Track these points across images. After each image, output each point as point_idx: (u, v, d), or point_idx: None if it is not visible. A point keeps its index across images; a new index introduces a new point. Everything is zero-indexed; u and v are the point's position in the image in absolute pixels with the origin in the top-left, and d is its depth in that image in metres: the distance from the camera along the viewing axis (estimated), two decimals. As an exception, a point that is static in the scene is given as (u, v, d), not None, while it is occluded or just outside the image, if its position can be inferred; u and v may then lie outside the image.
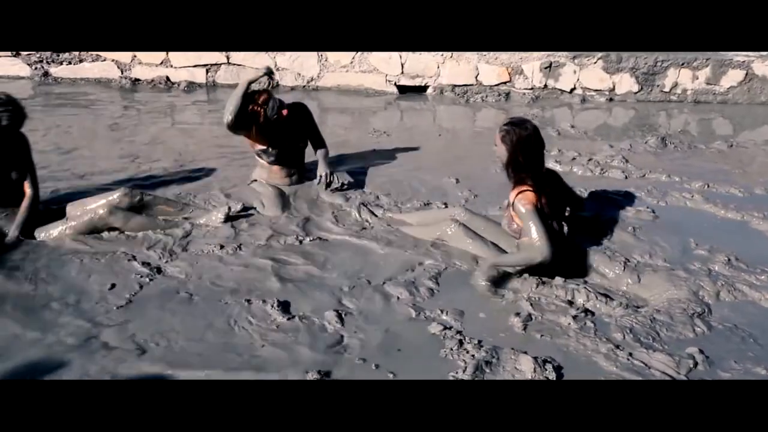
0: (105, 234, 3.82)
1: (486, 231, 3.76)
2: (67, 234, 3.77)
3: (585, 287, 3.33)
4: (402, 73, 7.56)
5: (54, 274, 3.42)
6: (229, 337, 2.93)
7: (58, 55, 7.63)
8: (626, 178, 4.96)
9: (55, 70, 7.69)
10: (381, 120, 6.56)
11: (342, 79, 7.61)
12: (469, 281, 3.44)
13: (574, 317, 3.10)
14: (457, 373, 2.70)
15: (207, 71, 7.65)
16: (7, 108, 3.71)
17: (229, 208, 4.01)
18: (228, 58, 7.60)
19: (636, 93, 7.43)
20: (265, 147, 4.53)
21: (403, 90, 7.61)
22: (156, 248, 3.71)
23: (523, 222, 3.40)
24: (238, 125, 4.30)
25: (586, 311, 3.17)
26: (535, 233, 3.35)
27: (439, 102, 7.36)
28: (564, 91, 7.44)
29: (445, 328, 3.01)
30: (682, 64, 7.37)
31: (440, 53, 7.44)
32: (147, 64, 7.64)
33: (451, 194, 4.56)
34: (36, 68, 7.67)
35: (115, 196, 3.93)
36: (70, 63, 7.67)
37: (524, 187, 3.38)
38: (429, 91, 7.59)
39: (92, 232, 3.81)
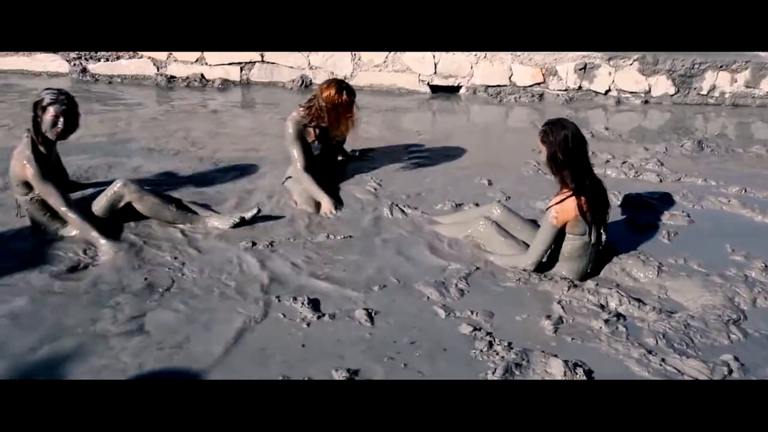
0: (132, 224, 3.88)
1: (521, 231, 3.73)
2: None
3: (617, 291, 3.30)
4: (435, 72, 7.54)
5: (85, 270, 3.49)
6: (258, 333, 2.95)
7: (96, 52, 7.74)
8: (661, 181, 4.89)
9: (92, 67, 7.81)
10: (413, 120, 6.56)
11: (375, 79, 7.61)
12: (499, 282, 3.43)
13: (606, 321, 3.07)
14: (486, 374, 2.69)
15: (241, 69, 7.71)
16: (69, 108, 3.74)
17: (259, 210, 4.02)
18: (262, 56, 7.65)
19: (672, 95, 7.32)
20: (312, 140, 4.60)
21: (436, 90, 7.59)
22: (187, 243, 3.76)
23: (540, 230, 3.42)
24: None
25: (618, 315, 3.14)
26: (539, 246, 3.42)
27: (472, 102, 7.33)
28: (598, 92, 7.36)
29: (475, 329, 3.00)
30: (721, 66, 7.25)
31: (474, 53, 7.40)
32: (182, 62, 7.72)
33: (483, 195, 4.54)
34: (74, 65, 7.79)
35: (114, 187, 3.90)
36: (107, 60, 7.78)
37: (565, 195, 3.34)
38: (462, 91, 7.56)
39: (112, 214, 3.87)
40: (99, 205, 3.86)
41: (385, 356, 2.80)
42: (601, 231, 3.47)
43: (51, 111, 3.65)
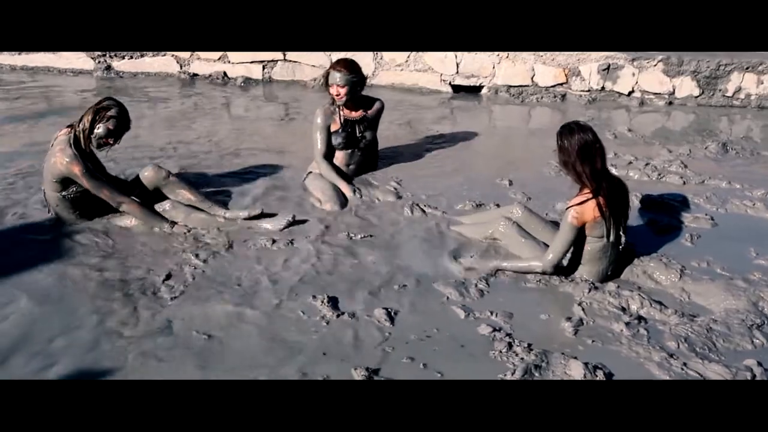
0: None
1: (542, 232, 3.70)
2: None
3: (639, 294, 3.27)
4: (457, 72, 7.52)
5: (111, 261, 3.53)
6: (277, 331, 2.97)
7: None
8: (684, 183, 4.84)
9: (117, 64, 7.88)
10: (434, 119, 6.54)
11: (397, 78, 7.60)
12: (520, 283, 3.42)
13: (627, 324, 3.05)
14: (505, 375, 2.68)
15: (263, 67, 7.74)
16: (125, 127, 3.86)
17: (293, 217, 4.01)
18: (284, 54, 7.67)
19: (697, 97, 7.24)
20: (336, 128, 4.66)
21: (458, 90, 7.56)
22: (209, 240, 3.78)
23: (559, 231, 3.39)
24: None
25: (640, 318, 3.11)
26: (557, 247, 3.37)
27: (494, 102, 7.30)
28: (622, 93, 7.29)
29: (495, 329, 2.99)
30: (747, 68, 7.15)
31: (496, 53, 7.37)
32: (205, 60, 7.77)
33: (504, 196, 4.52)
34: (99, 62, 7.87)
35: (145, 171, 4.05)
36: (131, 57, 7.85)
37: (584, 197, 3.32)
38: (484, 91, 7.53)
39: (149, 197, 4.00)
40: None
41: (405, 356, 2.80)
42: (621, 233, 3.44)
43: (112, 124, 3.75)
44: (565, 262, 3.45)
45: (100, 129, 3.73)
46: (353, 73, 4.52)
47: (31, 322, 2.98)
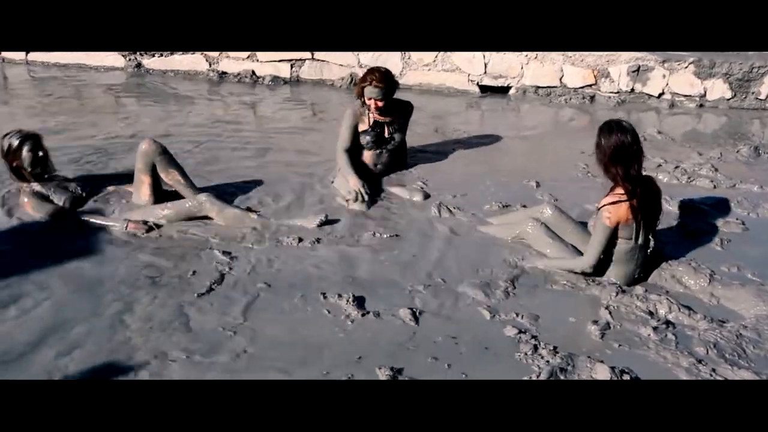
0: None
1: (571, 234, 3.67)
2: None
3: (667, 298, 3.24)
4: (485, 73, 7.49)
5: (135, 257, 3.58)
6: (302, 330, 2.98)
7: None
8: (715, 187, 4.78)
9: (147, 62, 7.97)
10: (461, 120, 6.52)
11: (424, 78, 7.59)
12: (546, 285, 3.40)
13: (655, 328, 3.02)
14: (531, 377, 2.67)
15: (291, 66, 7.77)
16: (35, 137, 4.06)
17: (326, 216, 4.03)
18: (312, 53, 7.70)
19: (729, 100, 7.13)
20: (365, 128, 4.71)
21: (485, 90, 7.52)
22: (236, 238, 3.81)
23: (594, 231, 3.36)
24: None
25: (668, 323, 3.08)
26: (594, 247, 3.35)
27: (522, 103, 7.25)
28: (651, 95, 7.21)
29: (520, 331, 2.98)
30: (780, 70, 7.05)
31: (524, 54, 7.33)
32: (234, 58, 7.82)
33: (531, 197, 4.49)
34: (129, 60, 7.96)
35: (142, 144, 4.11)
36: (161, 55, 7.93)
37: (617, 196, 3.30)
38: (511, 91, 7.49)
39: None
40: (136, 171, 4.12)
41: (429, 356, 2.80)
42: (650, 236, 3.41)
43: (25, 148, 3.95)
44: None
45: (23, 161, 3.96)
46: (390, 86, 4.61)
47: (60, 310, 3.06)
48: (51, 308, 3.08)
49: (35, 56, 8.07)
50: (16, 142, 3.95)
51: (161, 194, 4.13)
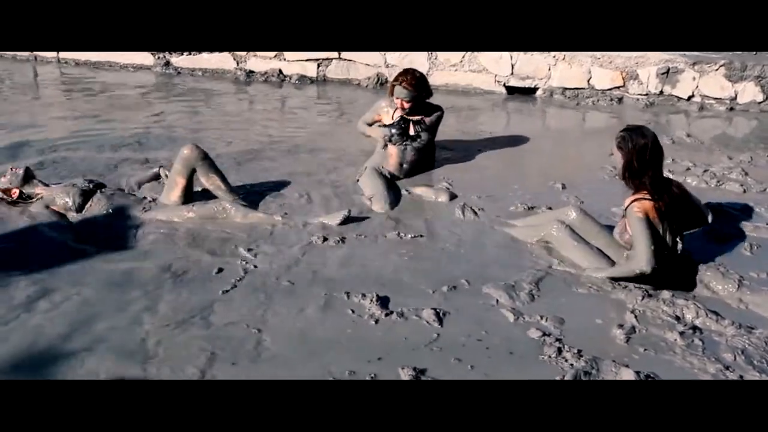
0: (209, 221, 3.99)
1: (597, 237, 3.63)
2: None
3: (695, 303, 3.20)
4: (512, 73, 7.46)
5: (161, 254, 3.62)
6: (326, 329, 2.99)
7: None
8: (745, 191, 4.71)
9: (175, 60, 8.06)
10: (487, 120, 6.50)
11: (451, 78, 7.58)
12: (571, 288, 3.37)
13: (681, 333, 2.98)
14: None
15: (318, 65, 7.80)
16: None
17: (349, 211, 4.06)
18: (339, 53, 7.72)
19: (760, 103, 7.03)
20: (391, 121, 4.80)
21: (512, 91, 7.50)
22: (261, 236, 3.83)
23: (632, 230, 3.31)
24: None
25: (695, 328, 3.04)
26: (641, 243, 3.27)
27: (548, 105, 7.22)
28: (681, 98, 7.13)
29: (545, 334, 2.96)
30: (814, 74, 6.93)
31: (552, 55, 7.29)
32: (261, 57, 7.88)
33: (557, 199, 4.47)
34: (158, 58, 8.06)
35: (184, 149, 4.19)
36: (189, 54, 8.02)
37: (641, 195, 3.28)
38: (538, 93, 7.45)
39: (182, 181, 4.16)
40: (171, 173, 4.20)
41: (452, 357, 2.80)
42: (677, 239, 3.37)
43: (6, 175, 4.13)
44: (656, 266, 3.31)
45: (10, 181, 4.11)
46: (419, 90, 4.68)
47: (89, 305, 3.11)
48: (80, 303, 3.12)
49: (66, 54, 8.20)
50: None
51: (190, 198, 4.19)
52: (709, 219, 3.70)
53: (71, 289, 3.22)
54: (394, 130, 4.72)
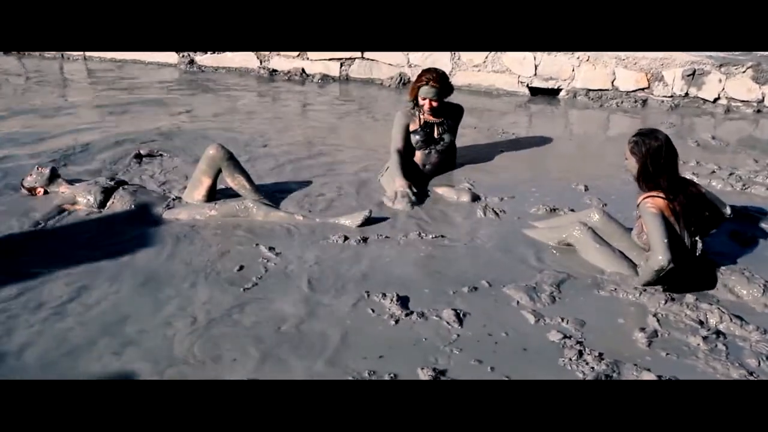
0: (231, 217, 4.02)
1: (620, 240, 3.60)
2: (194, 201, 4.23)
3: (718, 307, 3.16)
4: (535, 74, 7.42)
5: (183, 252, 3.65)
6: (346, 328, 2.99)
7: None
8: (771, 195, 4.65)
9: (199, 59, 8.13)
10: (510, 121, 6.48)
11: (474, 78, 7.56)
12: (593, 290, 3.35)
13: (705, 338, 2.95)
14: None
15: (341, 65, 7.83)
16: None
17: (370, 212, 4.06)
18: (362, 52, 7.74)
19: (788, 106, 6.95)
20: (415, 128, 4.76)
21: (535, 92, 7.46)
22: (282, 235, 3.85)
23: (647, 226, 3.28)
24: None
25: (718, 333, 3.01)
26: (656, 237, 3.22)
27: (571, 106, 7.17)
28: (706, 100, 7.05)
29: (565, 336, 2.95)
30: (844, 76, 6.82)
31: (576, 56, 7.24)
32: (285, 56, 7.92)
33: (579, 201, 4.44)
34: (183, 56, 8.14)
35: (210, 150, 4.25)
36: (213, 52, 8.08)
37: (654, 193, 3.26)
38: (561, 94, 7.41)
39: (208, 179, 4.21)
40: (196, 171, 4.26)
41: (472, 358, 2.79)
42: (696, 239, 3.34)
43: (32, 174, 4.27)
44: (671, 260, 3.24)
45: (36, 181, 4.24)
46: (445, 87, 4.67)
47: (125, 303, 3.16)
48: (114, 303, 3.16)
49: (92, 52, 8.30)
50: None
51: (213, 196, 4.23)
52: (727, 211, 3.64)
53: (108, 288, 3.27)
54: (418, 137, 4.72)
